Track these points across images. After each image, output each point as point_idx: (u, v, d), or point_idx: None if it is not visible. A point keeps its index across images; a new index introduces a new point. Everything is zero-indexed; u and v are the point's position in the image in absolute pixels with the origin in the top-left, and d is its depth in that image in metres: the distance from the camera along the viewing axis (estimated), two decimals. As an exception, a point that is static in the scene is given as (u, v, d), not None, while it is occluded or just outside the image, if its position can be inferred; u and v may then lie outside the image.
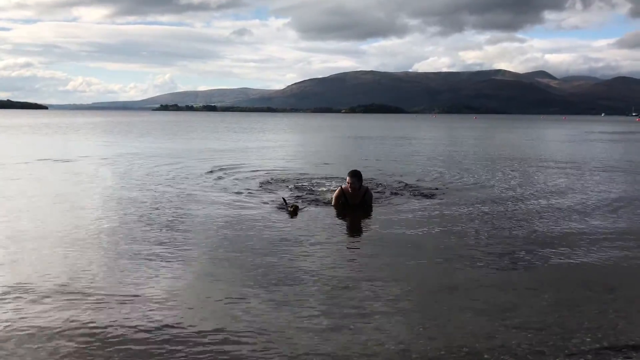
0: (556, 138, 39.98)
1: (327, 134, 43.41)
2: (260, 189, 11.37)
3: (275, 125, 66.04)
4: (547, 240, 7.21)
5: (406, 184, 12.14)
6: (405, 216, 8.67)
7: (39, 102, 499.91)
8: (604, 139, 37.62)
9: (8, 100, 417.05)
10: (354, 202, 9.01)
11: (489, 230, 7.71)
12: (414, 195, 10.59)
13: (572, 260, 6.23)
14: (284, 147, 27.43)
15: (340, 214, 8.81)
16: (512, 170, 15.74)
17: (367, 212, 8.90)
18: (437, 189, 11.57)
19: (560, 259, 6.32)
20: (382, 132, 47.39)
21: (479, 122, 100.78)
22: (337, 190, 9.26)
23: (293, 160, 19.09)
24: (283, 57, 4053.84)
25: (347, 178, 8.99)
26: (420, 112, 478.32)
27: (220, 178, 13.11)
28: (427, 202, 9.97)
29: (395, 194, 10.73)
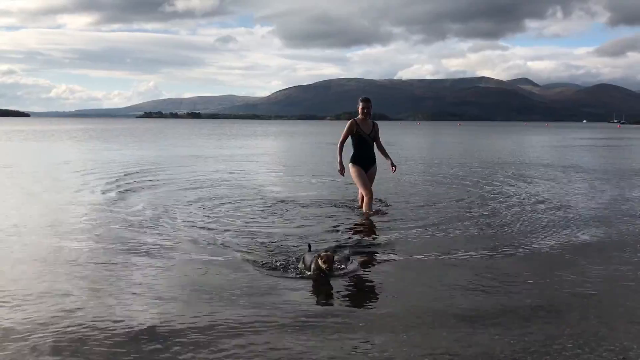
0: (542, 144, 40.36)
1: (315, 140, 43.40)
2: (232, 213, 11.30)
3: (253, 132, 65.99)
4: (530, 247, 7.27)
5: (387, 196, 12.16)
6: (390, 225, 8.70)
7: (21, 109, 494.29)
8: (589, 145, 38.08)
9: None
10: (367, 132, 9.22)
11: (472, 237, 7.76)
12: (400, 206, 10.61)
13: (554, 267, 6.28)
14: (257, 155, 27.35)
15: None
16: (498, 178, 15.86)
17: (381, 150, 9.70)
18: (422, 202, 11.60)
19: (543, 265, 6.37)
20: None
21: (464, 129, 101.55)
22: (348, 123, 9.30)
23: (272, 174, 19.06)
24: (268, 64, 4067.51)
25: (360, 104, 9.15)
26: (404, 119, 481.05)
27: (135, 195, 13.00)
28: (413, 210, 10.01)
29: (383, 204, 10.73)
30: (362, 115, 9.11)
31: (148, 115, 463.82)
